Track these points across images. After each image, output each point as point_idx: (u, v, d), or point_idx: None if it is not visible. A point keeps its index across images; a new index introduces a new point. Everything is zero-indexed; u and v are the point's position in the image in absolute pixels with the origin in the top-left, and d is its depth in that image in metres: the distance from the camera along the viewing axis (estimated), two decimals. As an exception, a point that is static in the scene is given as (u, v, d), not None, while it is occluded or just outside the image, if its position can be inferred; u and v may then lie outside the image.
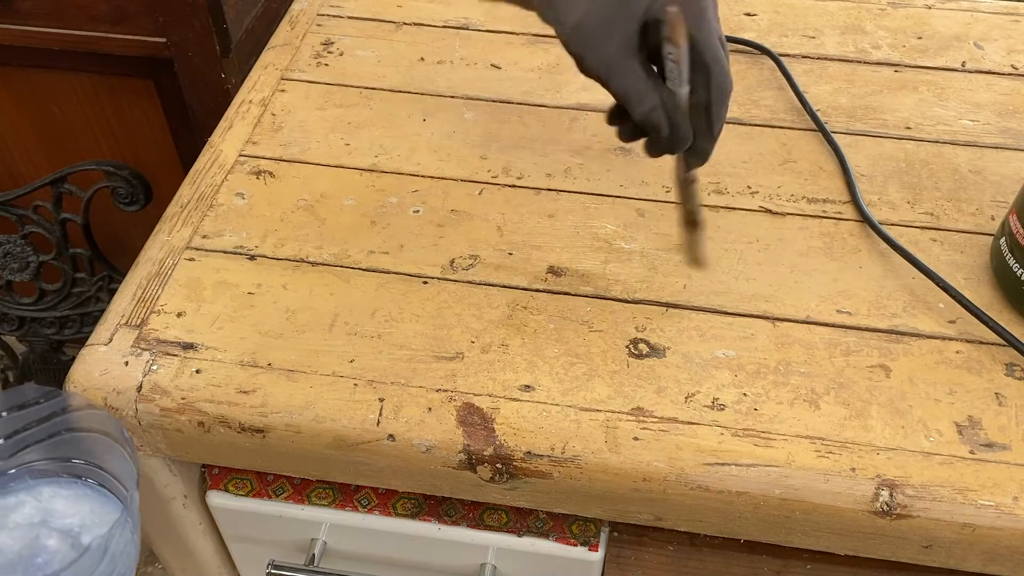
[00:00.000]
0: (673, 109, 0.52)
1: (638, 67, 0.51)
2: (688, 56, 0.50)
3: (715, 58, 0.51)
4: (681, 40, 0.49)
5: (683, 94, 0.51)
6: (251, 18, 0.94)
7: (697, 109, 0.52)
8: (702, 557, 0.59)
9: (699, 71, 0.51)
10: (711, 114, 0.52)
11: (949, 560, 0.52)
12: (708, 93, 0.52)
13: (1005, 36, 0.81)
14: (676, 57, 0.50)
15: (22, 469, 0.47)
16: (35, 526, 0.44)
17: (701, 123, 0.53)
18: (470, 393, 0.54)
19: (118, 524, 0.42)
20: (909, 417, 0.53)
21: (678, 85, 0.51)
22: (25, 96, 1.03)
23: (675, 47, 0.50)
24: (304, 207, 0.65)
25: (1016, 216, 0.57)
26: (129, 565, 0.44)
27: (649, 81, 0.51)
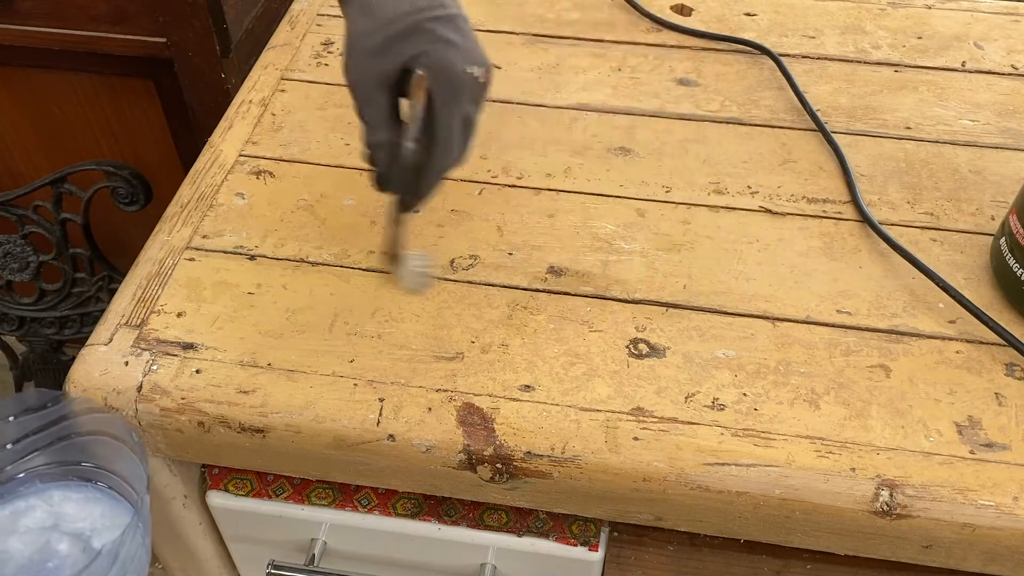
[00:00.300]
0: (393, 155, 0.53)
1: (384, 101, 0.53)
2: (420, 118, 0.52)
3: (445, 133, 0.52)
4: (417, 102, 0.52)
5: (407, 147, 0.52)
6: (251, 18, 0.94)
7: (415, 168, 0.54)
8: (702, 557, 0.59)
9: (429, 136, 0.53)
10: (423, 177, 0.54)
11: (949, 560, 0.52)
12: (427, 159, 0.53)
13: (1005, 36, 0.81)
14: (409, 115, 0.52)
15: (32, 473, 0.47)
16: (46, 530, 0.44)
17: (413, 180, 0.54)
18: (470, 393, 0.54)
19: (129, 528, 0.42)
20: (909, 417, 0.53)
21: (405, 138, 0.52)
22: (25, 96, 1.03)
23: (411, 105, 0.52)
24: (304, 207, 0.65)
25: (1016, 216, 0.57)
26: (140, 570, 0.44)
27: (387, 119, 0.53)
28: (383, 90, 0.52)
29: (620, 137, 0.71)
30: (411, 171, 0.54)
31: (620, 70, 0.77)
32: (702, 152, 0.70)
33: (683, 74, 0.77)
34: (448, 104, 0.52)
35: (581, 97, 0.75)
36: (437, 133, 0.53)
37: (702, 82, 0.76)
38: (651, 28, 0.82)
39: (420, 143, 0.53)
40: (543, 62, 0.78)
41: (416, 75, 0.51)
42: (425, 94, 0.52)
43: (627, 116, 0.73)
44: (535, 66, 0.78)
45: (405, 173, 0.54)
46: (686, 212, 0.65)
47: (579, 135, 0.71)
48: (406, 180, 0.54)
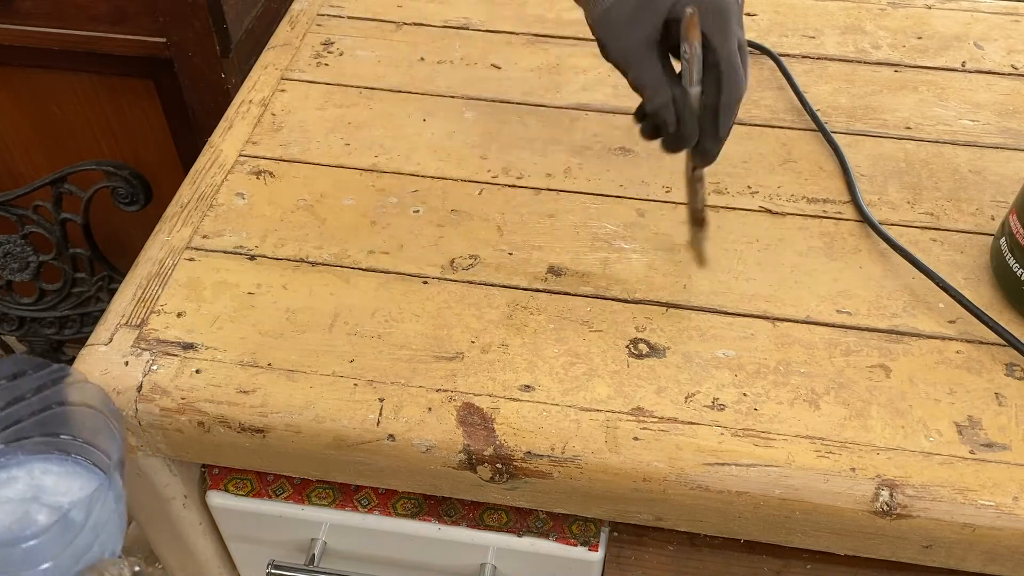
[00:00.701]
0: (682, 107, 0.52)
1: (656, 61, 0.52)
2: (700, 57, 0.51)
3: (728, 63, 0.51)
4: (695, 40, 0.50)
5: (693, 93, 0.52)
6: (251, 18, 0.94)
7: (706, 110, 0.53)
8: (702, 557, 0.59)
9: (711, 73, 0.52)
10: (718, 116, 0.53)
11: (949, 560, 0.52)
12: (717, 96, 0.52)
13: (1005, 36, 0.81)
14: (689, 56, 0.51)
15: (14, 446, 0.47)
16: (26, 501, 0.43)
17: (708, 124, 0.53)
18: (470, 393, 0.54)
19: (99, 492, 0.42)
20: (909, 417, 0.53)
21: (690, 84, 0.52)
22: (25, 96, 1.03)
23: (689, 46, 0.51)
24: (304, 207, 0.65)
25: (1016, 216, 0.57)
26: (113, 536, 0.44)
27: (664, 76, 0.52)
28: (652, 51, 0.52)
29: (620, 137, 0.71)
30: (704, 115, 0.53)
31: (620, 70, 0.77)
32: (702, 152, 0.70)
33: (683, 74, 0.77)
34: (723, 33, 0.51)
35: (581, 97, 0.75)
36: (722, 67, 0.52)
37: (702, 82, 0.76)
38: (651, 28, 0.82)
39: (705, 84, 0.52)
40: (543, 62, 0.78)
41: (687, 14, 0.50)
42: (699, 32, 0.51)
43: (627, 116, 0.73)
44: (535, 66, 0.78)
45: (697, 121, 0.53)
46: (686, 212, 0.65)
47: (579, 135, 0.71)
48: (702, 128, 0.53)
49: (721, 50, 0.51)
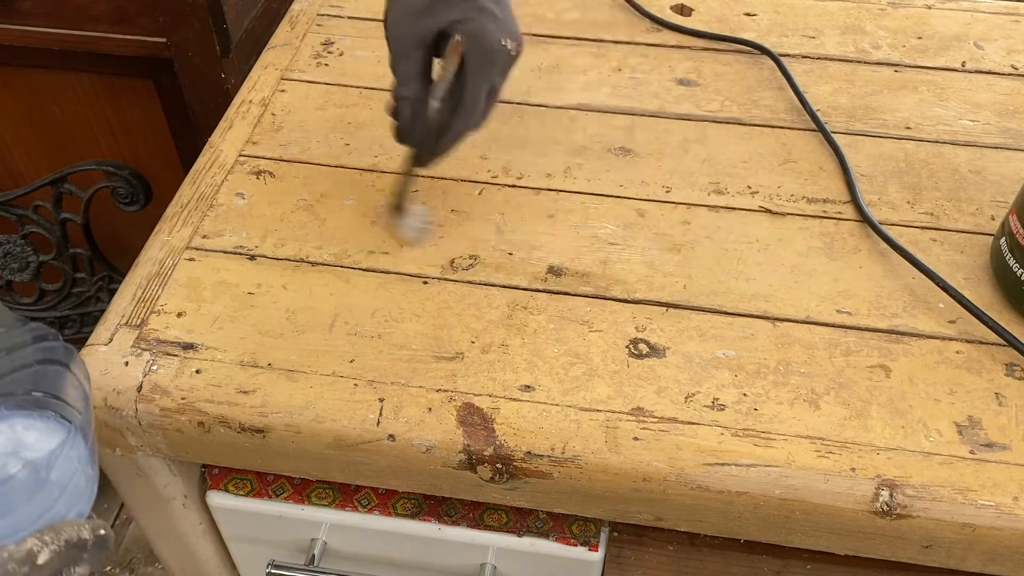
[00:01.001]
0: (418, 110, 0.57)
1: (419, 59, 0.56)
2: (450, 81, 0.56)
3: (472, 98, 0.56)
4: (450, 64, 0.55)
5: (432, 105, 0.56)
6: (251, 18, 0.94)
7: (437, 126, 0.57)
8: (702, 557, 0.59)
9: (454, 99, 0.56)
10: (442, 136, 0.58)
11: (949, 560, 0.52)
12: (450, 119, 0.57)
13: (1005, 36, 0.81)
14: (440, 75, 0.56)
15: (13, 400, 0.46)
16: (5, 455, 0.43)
17: (431, 137, 0.58)
18: (470, 393, 0.54)
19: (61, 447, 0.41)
20: (909, 417, 0.53)
21: (432, 96, 0.56)
22: (25, 96, 1.03)
23: (443, 67, 0.55)
24: (304, 207, 0.65)
25: (1016, 216, 0.57)
26: (80, 498, 0.43)
27: (419, 77, 0.57)
28: (419, 48, 0.56)
29: (620, 137, 0.71)
30: (432, 128, 0.57)
31: (620, 70, 0.77)
32: (702, 152, 0.70)
33: (683, 74, 0.77)
34: (479, 72, 0.55)
35: (581, 97, 0.75)
36: (464, 98, 0.56)
37: (702, 82, 0.76)
38: (651, 28, 0.82)
39: (445, 103, 0.56)
40: (543, 62, 0.78)
41: (454, 40, 0.55)
42: (459, 59, 0.55)
43: (627, 116, 0.73)
44: (535, 66, 0.78)
45: (426, 129, 0.57)
46: (686, 212, 0.65)
47: (579, 135, 0.71)
48: (425, 136, 0.58)
49: (470, 85, 0.56)
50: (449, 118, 0.57)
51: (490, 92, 0.57)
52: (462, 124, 0.57)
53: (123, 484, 0.62)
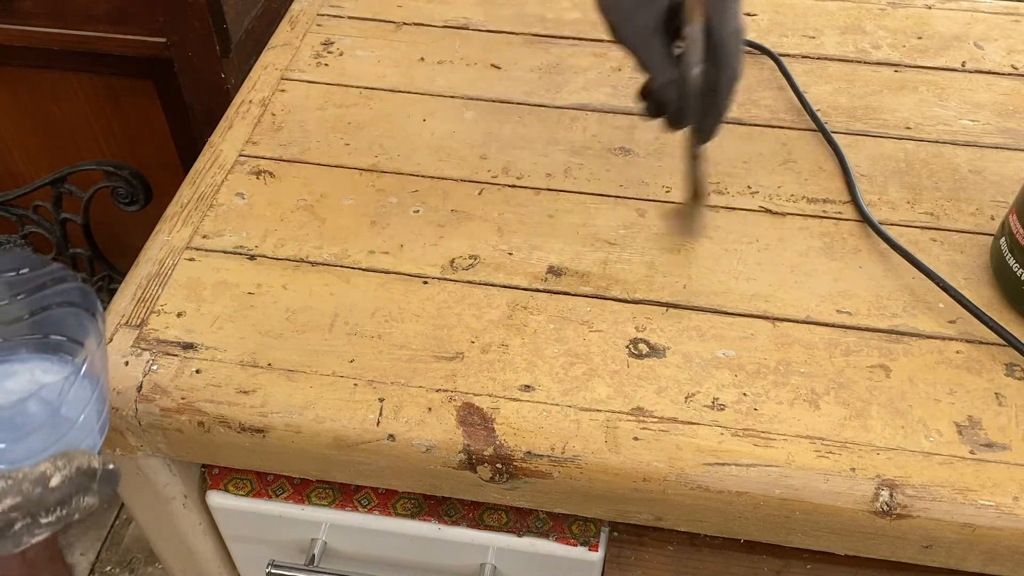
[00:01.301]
0: (684, 86, 0.55)
1: (660, 43, 0.55)
2: (702, 39, 0.54)
3: (726, 46, 0.54)
4: (697, 23, 0.53)
5: (695, 73, 0.54)
6: (251, 18, 0.94)
7: (706, 90, 0.55)
8: (702, 557, 0.59)
9: (711, 55, 0.54)
10: (717, 95, 0.56)
11: (949, 560, 0.52)
12: (717, 75, 0.55)
13: (1005, 36, 0.81)
14: (691, 38, 0.54)
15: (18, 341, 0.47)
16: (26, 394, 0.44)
17: (708, 103, 0.56)
18: (470, 393, 0.54)
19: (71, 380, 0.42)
20: (909, 417, 0.53)
21: (691, 65, 0.54)
22: (25, 96, 1.04)
23: (691, 28, 0.53)
24: (304, 207, 0.65)
25: (1016, 216, 0.57)
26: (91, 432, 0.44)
27: (668, 57, 0.55)
28: (657, 33, 0.55)
29: (620, 137, 0.71)
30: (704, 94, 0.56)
31: (620, 70, 0.77)
32: (702, 152, 0.70)
33: (683, 74, 0.77)
34: (725, 17, 0.54)
35: (581, 97, 0.75)
36: (721, 48, 0.54)
37: (702, 82, 0.76)
38: (651, 28, 0.82)
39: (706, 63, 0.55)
40: (543, 62, 0.78)
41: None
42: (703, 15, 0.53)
43: (627, 116, 0.73)
44: (535, 66, 0.78)
45: (699, 100, 0.56)
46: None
47: (579, 135, 0.71)
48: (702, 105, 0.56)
49: (721, 31, 0.54)
50: (716, 75, 0.55)
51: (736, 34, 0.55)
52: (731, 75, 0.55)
53: (123, 484, 0.62)
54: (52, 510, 0.40)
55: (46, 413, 0.42)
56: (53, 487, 0.40)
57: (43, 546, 0.94)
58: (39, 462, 0.40)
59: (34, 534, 0.41)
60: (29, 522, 0.40)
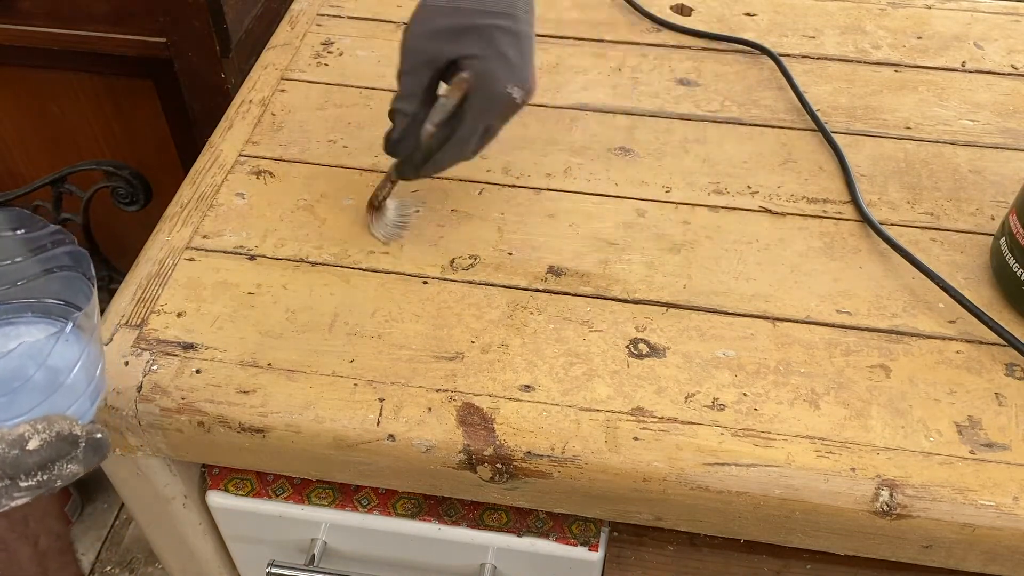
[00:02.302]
0: (411, 127, 0.57)
1: (424, 78, 0.57)
2: (448, 112, 0.56)
3: (465, 135, 0.57)
4: (452, 97, 0.56)
5: (426, 128, 0.57)
6: (251, 18, 0.94)
7: (426, 149, 0.58)
8: (702, 557, 0.59)
9: (447, 129, 0.57)
10: (428, 161, 0.58)
11: (949, 560, 0.52)
12: (439, 147, 0.58)
13: (1005, 36, 0.81)
14: (441, 103, 0.56)
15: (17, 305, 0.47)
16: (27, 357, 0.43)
17: (419, 157, 0.58)
18: (470, 393, 0.54)
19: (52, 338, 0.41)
20: (909, 417, 0.53)
21: (429, 120, 0.57)
22: (25, 96, 1.04)
23: (445, 99, 0.56)
24: (304, 207, 0.65)
25: (1016, 216, 0.57)
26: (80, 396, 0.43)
27: (420, 94, 0.57)
28: (429, 68, 0.56)
29: (620, 137, 0.71)
30: (421, 149, 0.58)
31: (620, 70, 0.77)
32: (702, 152, 0.70)
33: (683, 74, 0.77)
34: (479, 112, 0.56)
35: (581, 97, 0.75)
36: (458, 132, 0.57)
37: (702, 82, 0.76)
38: (651, 28, 0.82)
39: (439, 129, 0.57)
40: (543, 62, 0.78)
41: (460, 76, 0.55)
42: (462, 95, 0.56)
43: (627, 116, 0.73)
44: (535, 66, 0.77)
45: (415, 148, 0.58)
46: (686, 212, 0.65)
47: (579, 135, 0.71)
48: (412, 153, 0.58)
49: (468, 122, 0.56)
50: (440, 144, 0.57)
51: (486, 131, 0.58)
52: (451, 155, 0.58)
53: (123, 484, 0.62)
54: (32, 474, 0.39)
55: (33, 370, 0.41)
56: (31, 450, 0.39)
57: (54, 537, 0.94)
58: (19, 423, 0.39)
59: (13, 497, 0.40)
60: (7, 484, 0.39)
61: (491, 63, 0.55)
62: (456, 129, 0.57)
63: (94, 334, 0.44)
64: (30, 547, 0.89)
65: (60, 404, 0.42)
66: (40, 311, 0.48)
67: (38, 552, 0.91)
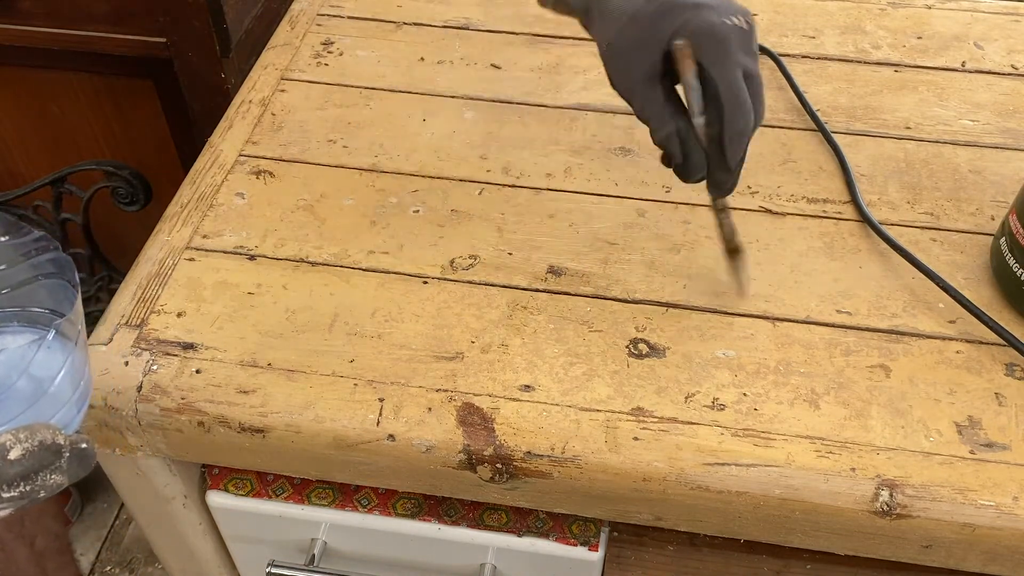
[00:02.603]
0: (686, 139, 0.52)
1: (659, 93, 0.52)
2: (698, 88, 0.51)
3: (729, 92, 0.50)
4: (687, 72, 0.50)
5: (697, 124, 0.52)
6: (251, 18, 0.94)
7: (712, 141, 0.52)
8: (702, 557, 0.59)
9: (714, 104, 0.51)
10: (723, 147, 0.52)
11: (949, 560, 0.52)
12: (720, 127, 0.52)
13: (1005, 36, 0.81)
14: (686, 88, 0.51)
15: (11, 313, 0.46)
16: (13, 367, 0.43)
17: (715, 155, 0.53)
18: (470, 393, 0.54)
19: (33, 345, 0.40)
20: (909, 417, 0.53)
21: (694, 115, 0.51)
22: (25, 96, 1.04)
23: (683, 78, 0.51)
24: (304, 207, 0.65)
25: (1016, 216, 0.57)
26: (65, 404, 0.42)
27: (668, 107, 0.52)
28: (654, 83, 0.52)
29: (620, 137, 0.71)
30: (711, 146, 0.52)
31: (620, 70, 0.77)
32: (702, 152, 0.70)
33: (683, 74, 0.77)
34: (719, 61, 0.50)
35: (581, 97, 0.75)
36: (723, 96, 0.51)
37: (702, 82, 0.76)
38: (651, 28, 0.82)
39: (708, 113, 0.51)
40: (543, 62, 0.78)
41: (677, 47, 0.50)
42: (692, 61, 0.50)
43: (627, 116, 0.73)
44: (535, 66, 0.78)
45: (703, 152, 0.53)
46: (686, 212, 0.65)
47: (579, 135, 0.71)
48: (709, 160, 0.53)
49: (720, 80, 0.50)
50: (719, 127, 0.51)
51: (748, 77, 0.51)
52: (736, 124, 0.51)
53: (123, 484, 0.62)
54: (13, 484, 0.38)
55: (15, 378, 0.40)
56: (12, 460, 0.38)
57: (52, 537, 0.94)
58: (1, 433, 0.38)
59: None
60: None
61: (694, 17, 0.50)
62: (720, 94, 0.50)
63: (79, 341, 0.43)
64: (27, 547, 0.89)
65: (44, 413, 0.41)
66: (26, 320, 0.47)
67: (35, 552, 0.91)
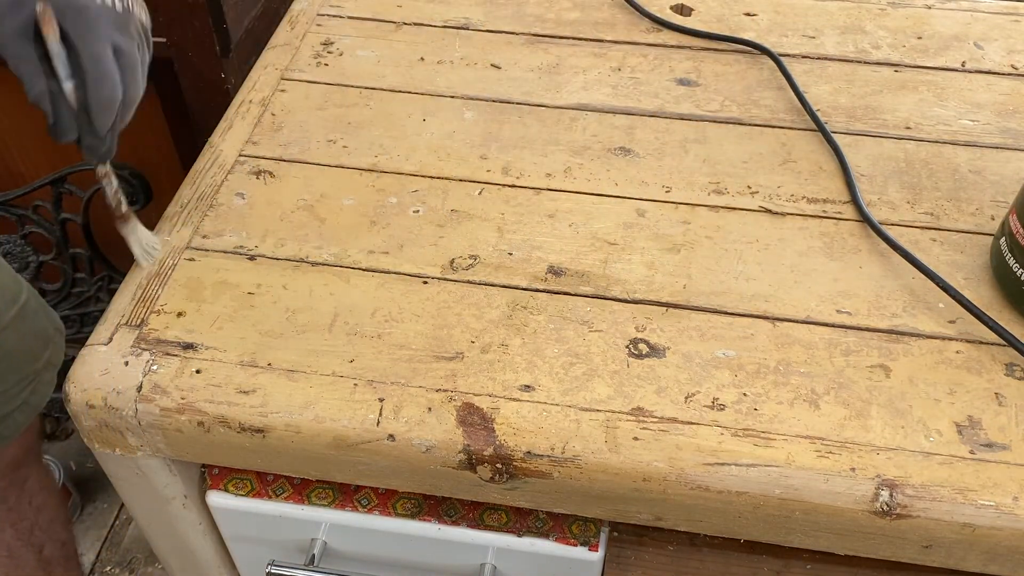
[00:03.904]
0: (57, 101, 0.53)
1: (33, 54, 0.52)
2: (62, 54, 0.52)
3: (92, 63, 0.52)
4: (48, 36, 0.51)
5: (67, 89, 0.52)
6: (251, 18, 0.94)
7: (81, 107, 0.53)
8: (702, 557, 0.59)
9: (80, 72, 0.52)
10: (90, 114, 0.53)
11: (949, 560, 0.52)
12: (85, 93, 0.53)
13: (1005, 36, 0.81)
14: (51, 52, 0.52)
15: None
16: None
17: (84, 120, 0.54)
18: (470, 393, 0.54)
19: None
20: (909, 417, 0.53)
21: (62, 79, 0.52)
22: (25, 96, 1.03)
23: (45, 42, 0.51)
24: (304, 207, 0.65)
25: (1016, 216, 0.57)
26: None
27: (41, 67, 0.53)
28: (27, 41, 0.52)
29: (620, 137, 0.71)
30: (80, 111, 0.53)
31: (620, 70, 0.77)
32: (702, 152, 0.70)
33: (683, 74, 0.77)
34: (84, 33, 0.51)
35: (581, 97, 0.75)
36: (85, 65, 0.52)
37: (702, 82, 0.76)
38: (651, 28, 0.82)
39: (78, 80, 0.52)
40: (543, 62, 0.78)
41: (36, 11, 0.51)
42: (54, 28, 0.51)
43: (627, 116, 0.73)
44: (535, 66, 0.78)
45: (72, 115, 0.53)
46: (686, 212, 0.65)
47: (579, 135, 0.71)
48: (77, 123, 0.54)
49: (81, 50, 0.52)
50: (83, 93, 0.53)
51: (118, 54, 0.53)
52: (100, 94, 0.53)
53: (123, 484, 0.62)
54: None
55: None
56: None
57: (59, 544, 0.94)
58: None
59: None
60: None
61: None
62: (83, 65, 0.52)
63: None
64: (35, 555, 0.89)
65: None
66: None
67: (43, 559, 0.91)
